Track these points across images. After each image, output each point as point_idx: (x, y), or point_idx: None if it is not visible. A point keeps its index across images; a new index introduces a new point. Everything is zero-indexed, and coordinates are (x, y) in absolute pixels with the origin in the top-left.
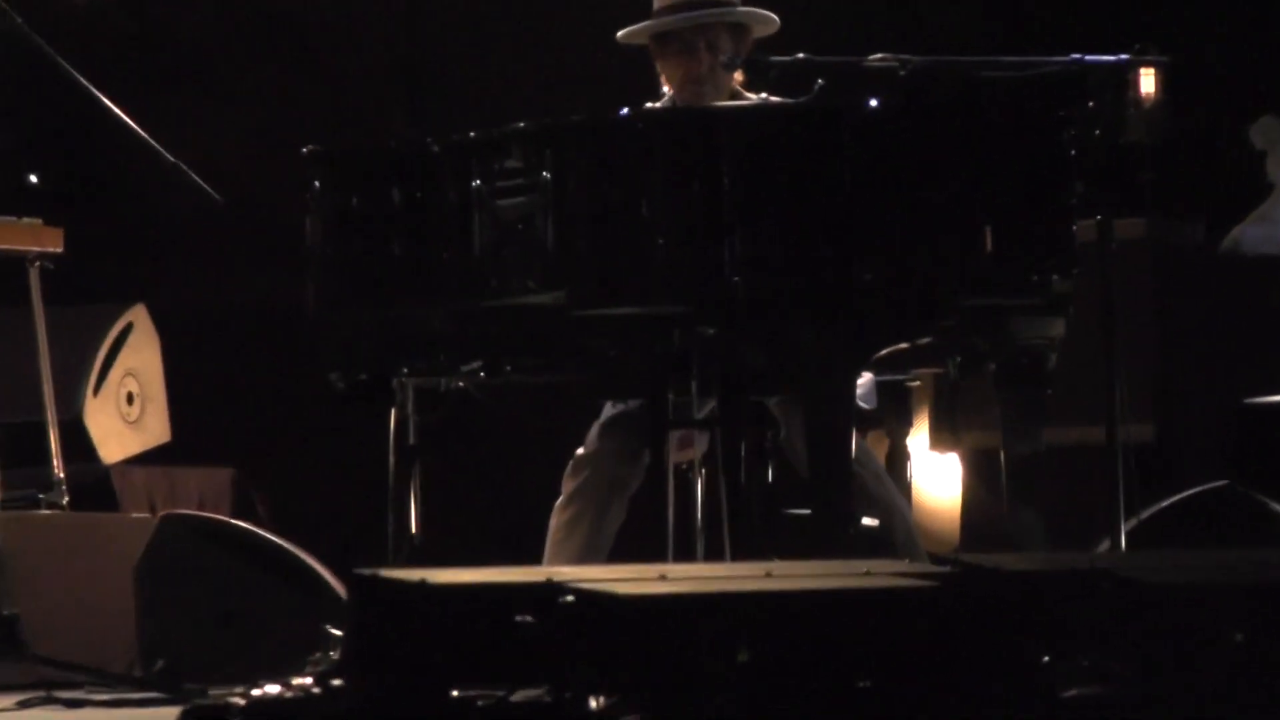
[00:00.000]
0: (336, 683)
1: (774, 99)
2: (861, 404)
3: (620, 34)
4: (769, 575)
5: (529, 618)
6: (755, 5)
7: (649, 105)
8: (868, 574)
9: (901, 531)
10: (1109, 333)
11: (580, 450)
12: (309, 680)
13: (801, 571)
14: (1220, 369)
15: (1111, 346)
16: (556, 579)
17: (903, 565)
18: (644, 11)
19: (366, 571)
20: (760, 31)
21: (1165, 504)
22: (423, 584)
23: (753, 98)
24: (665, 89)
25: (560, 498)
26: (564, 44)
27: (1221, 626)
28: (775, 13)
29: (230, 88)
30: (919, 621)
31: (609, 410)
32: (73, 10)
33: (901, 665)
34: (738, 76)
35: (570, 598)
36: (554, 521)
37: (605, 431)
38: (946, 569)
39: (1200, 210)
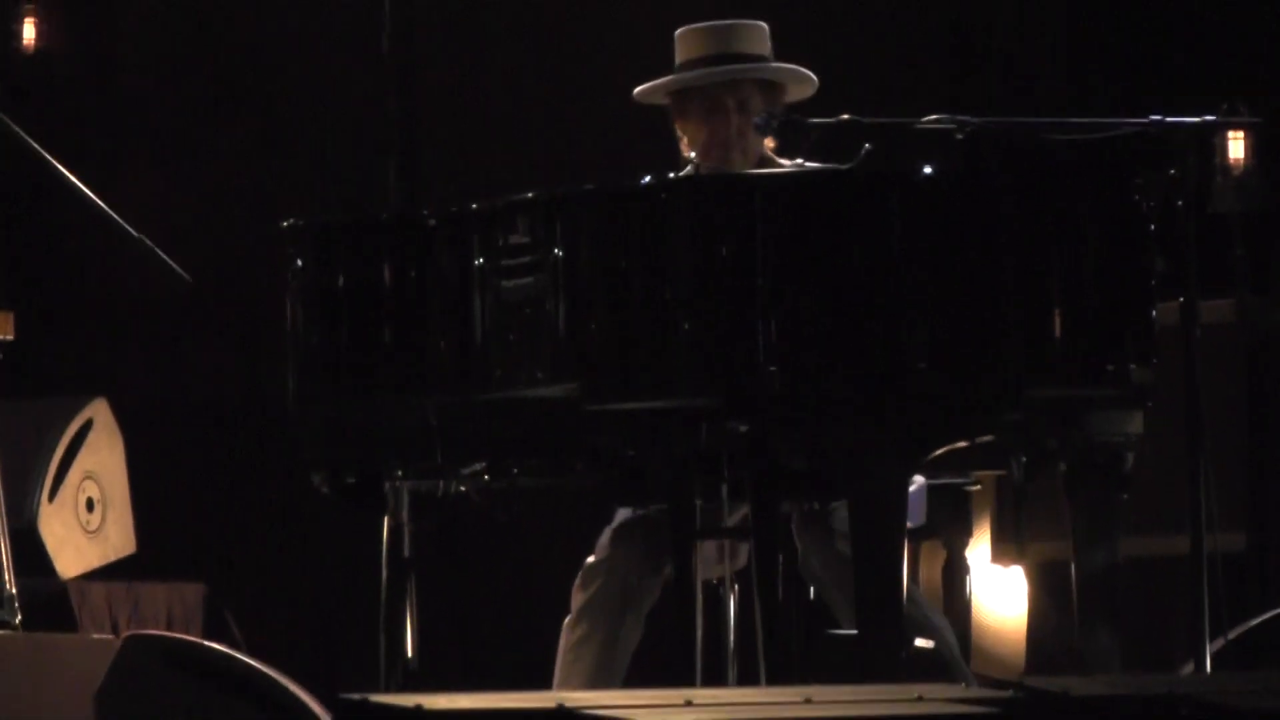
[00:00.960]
0: None
1: (812, 165)
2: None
3: (639, 90)
4: (809, 701)
5: None
6: (791, 62)
7: (671, 175)
8: (920, 699)
9: (945, 654)
10: (1194, 429)
11: (590, 559)
12: None
13: (846, 697)
14: None
15: (1197, 444)
16: (569, 704)
17: (959, 689)
18: (660, 69)
19: (355, 696)
20: (796, 94)
21: (1256, 621)
22: (418, 710)
23: (786, 164)
24: (688, 154)
25: (570, 614)
26: (575, 105)
27: None
28: (815, 68)
29: (202, 155)
30: None
31: (623, 514)
32: (19, 56)
33: None
34: (769, 142)
35: None
36: (563, 641)
37: (618, 538)
38: (1009, 694)
39: None
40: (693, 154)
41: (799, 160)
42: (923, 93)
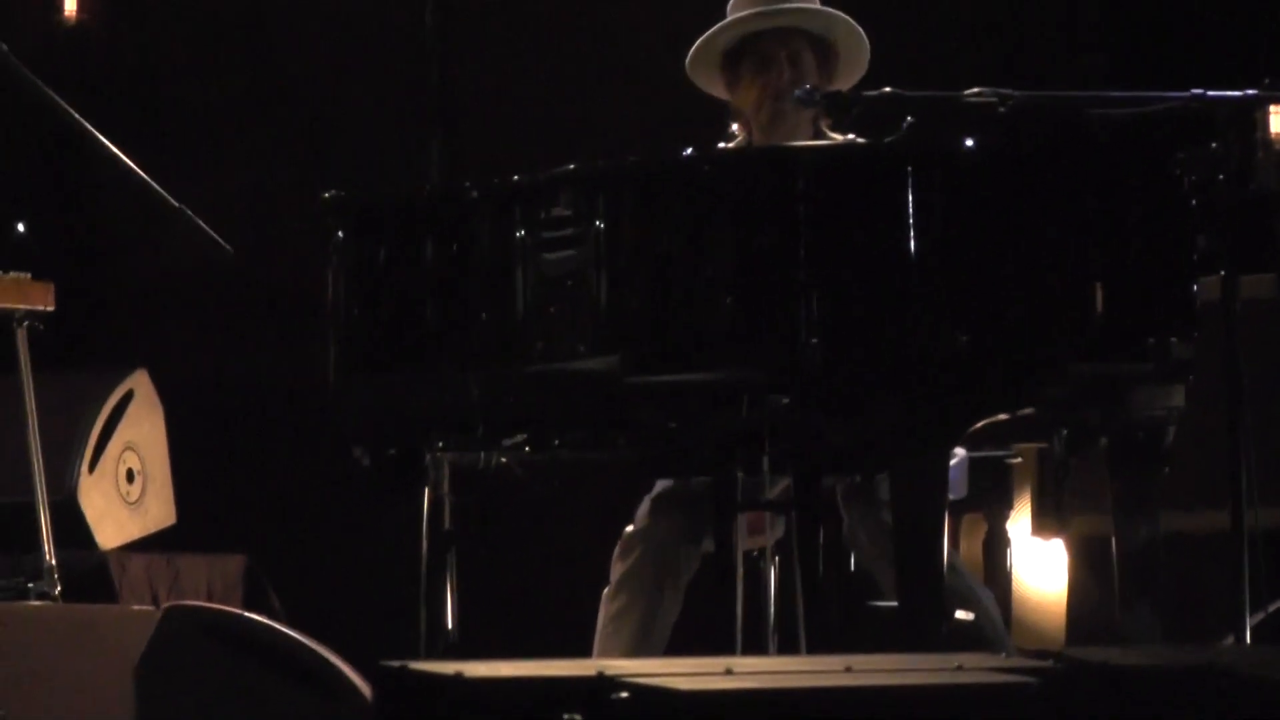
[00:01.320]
0: None
1: (860, 140)
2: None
3: (692, 53)
4: (849, 670)
5: (577, 716)
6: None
7: (719, 146)
8: (959, 669)
9: (987, 627)
10: (1235, 404)
11: (629, 529)
12: None
13: (886, 666)
14: None
15: (1238, 419)
16: (609, 672)
17: (999, 659)
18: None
19: (394, 664)
20: (848, 67)
21: None
22: (458, 678)
23: (838, 138)
24: (735, 128)
25: (609, 585)
26: (616, 81)
27: None
28: (865, 39)
29: (244, 128)
30: None
31: (662, 484)
32: (61, 26)
33: None
34: (826, 120)
35: (624, 694)
36: (603, 612)
37: (657, 508)
38: (1049, 663)
39: None
40: (735, 127)
41: (851, 136)
42: (968, 65)
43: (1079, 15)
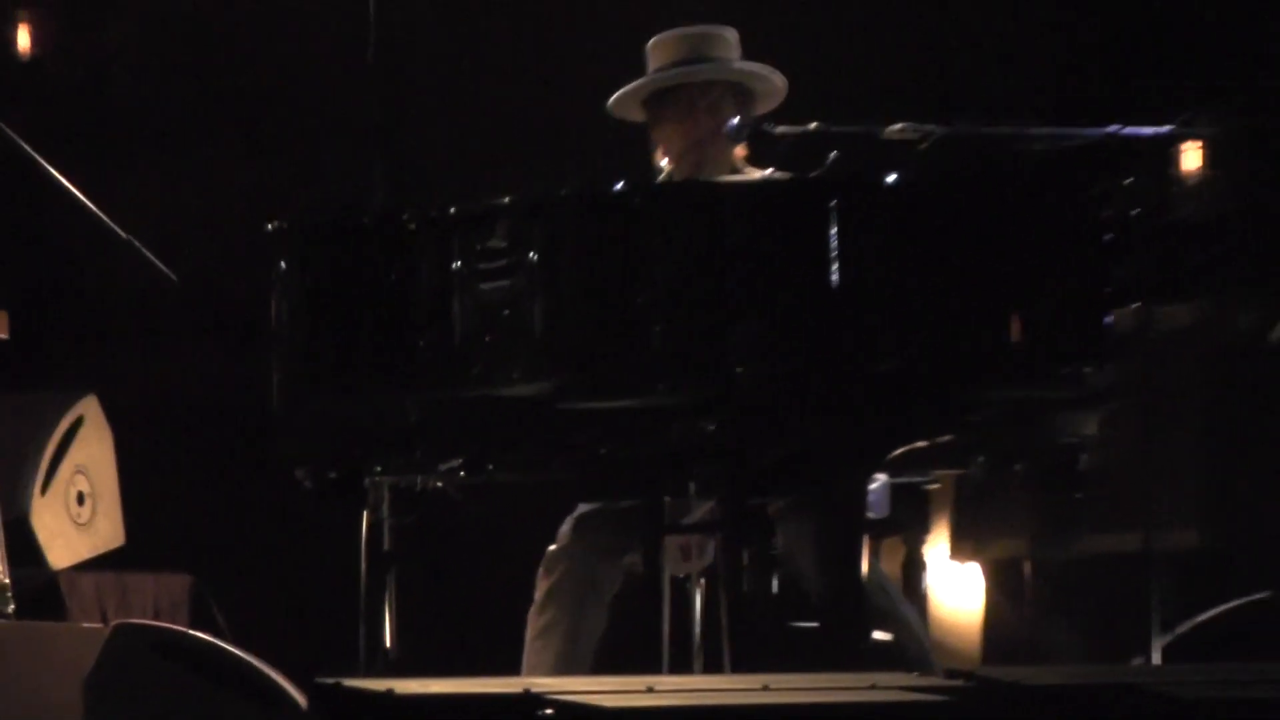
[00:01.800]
0: None
1: (781, 175)
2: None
3: (614, 98)
4: (766, 689)
5: None
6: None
7: (666, 168)
8: (873, 688)
9: (912, 646)
10: (1148, 431)
11: (552, 547)
12: None
13: (802, 684)
14: (1274, 473)
15: (1150, 446)
16: (535, 690)
17: (913, 678)
18: (639, 76)
19: (329, 681)
20: (766, 103)
21: (1204, 617)
22: (389, 694)
23: (758, 174)
24: (661, 163)
25: (534, 600)
26: (554, 112)
27: None
28: (786, 72)
29: (187, 156)
30: None
31: (584, 505)
32: (13, 61)
33: None
34: (740, 151)
35: (549, 710)
36: (529, 628)
37: (580, 526)
38: (960, 683)
39: (1256, 295)
40: (663, 163)
41: (770, 169)
42: (891, 101)
43: (1002, 53)
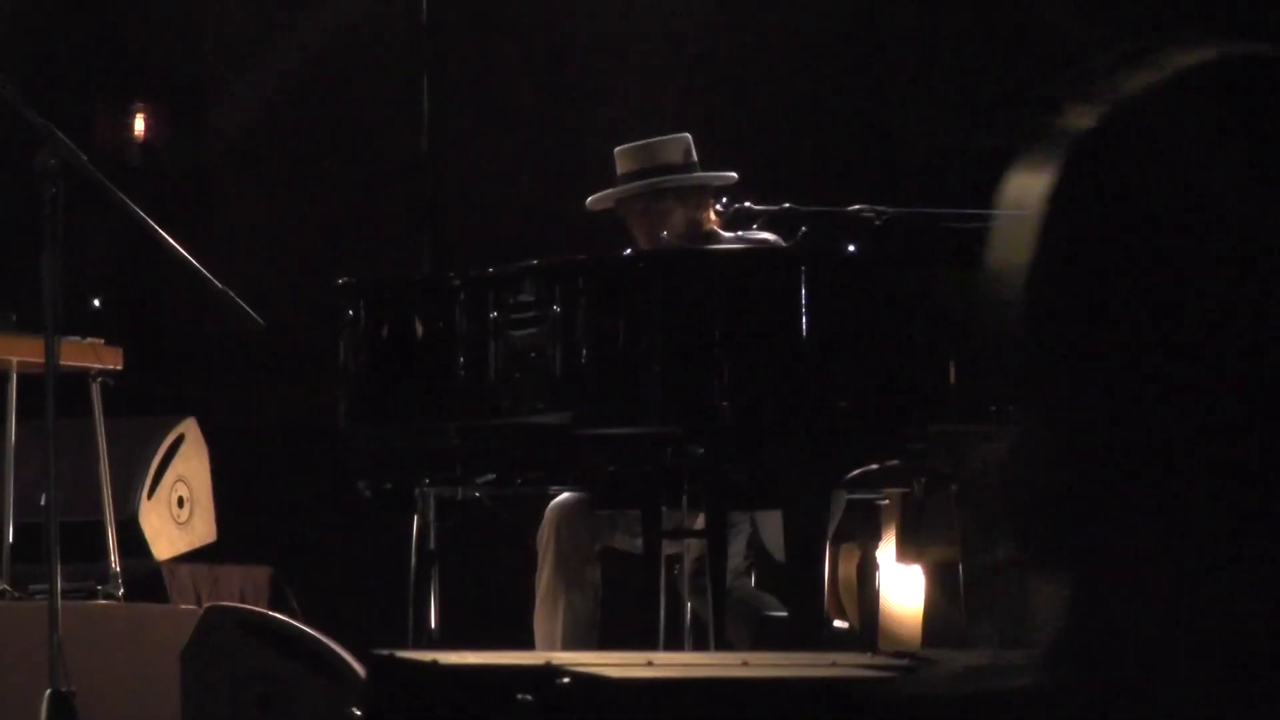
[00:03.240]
0: None
1: (757, 235)
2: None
3: (589, 202)
4: (745, 664)
5: (529, 697)
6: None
7: (666, 238)
8: (834, 664)
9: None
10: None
11: (540, 533)
12: None
13: (774, 662)
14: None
15: None
16: (555, 662)
17: (866, 658)
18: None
19: (383, 652)
20: (718, 189)
21: None
22: (434, 664)
23: (728, 235)
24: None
25: (538, 578)
26: (576, 189)
27: None
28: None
29: (273, 224)
30: (878, 708)
31: (563, 496)
32: (132, 144)
33: None
34: (713, 218)
35: (566, 679)
36: (537, 608)
37: (558, 521)
38: (905, 662)
39: None
40: (664, 233)
41: (739, 232)
42: (851, 184)
43: (943, 142)
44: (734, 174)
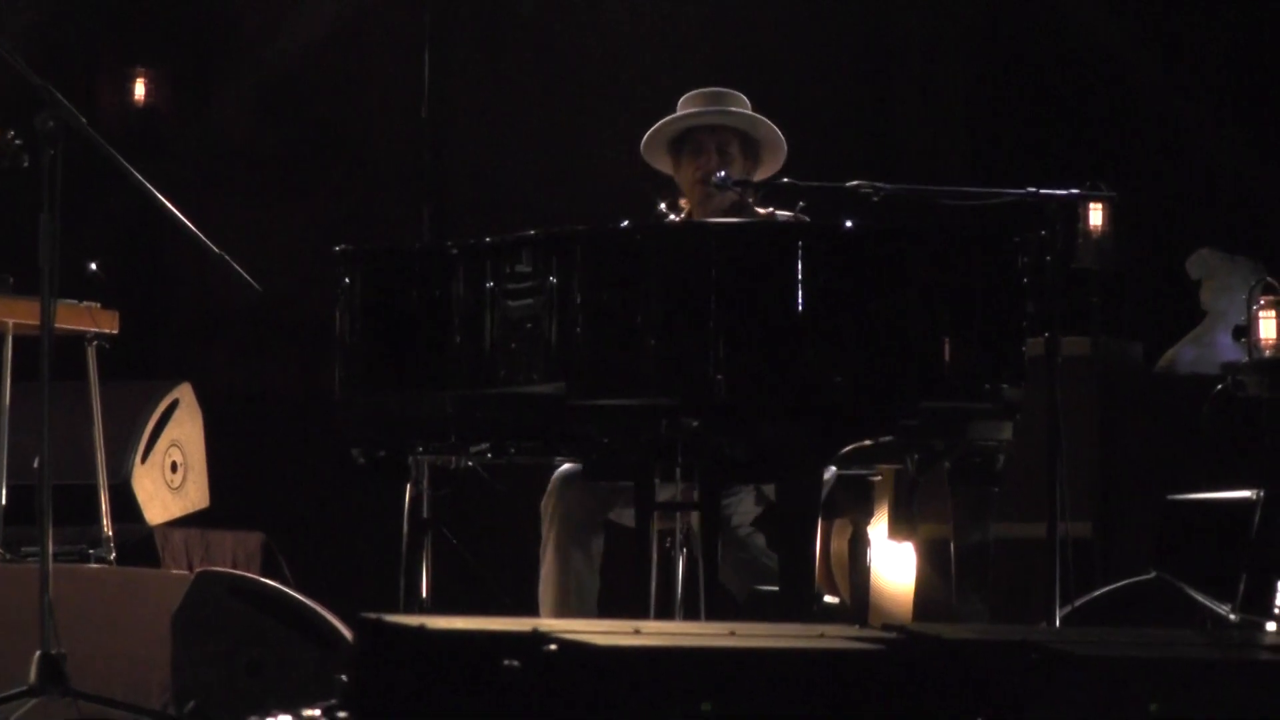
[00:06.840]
0: (342, 715)
1: (782, 213)
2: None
3: (646, 136)
4: (732, 634)
5: (516, 663)
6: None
7: (663, 211)
8: (822, 636)
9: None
10: (1054, 438)
11: (545, 500)
12: (318, 712)
13: (762, 632)
14: (1154, 475)
15: (1055, 451)
16: (541, 629)
17: (855, 630)
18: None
19: (371, 616)
20: (768, 164)
21: (1098, 593)
22: (421, 629)
23: (762, 212)
24: (662, 207)
25: (542, 546)
26: (579, 162)
27: (1140, 697)
28: (783, 140)
29: (272, 190)
30: (867, 680)
31: (567, 466)
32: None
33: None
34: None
35: (553, 646)
36: (542, 576)
37: (562, 490)
38: (894, 635)
39: (1141, 332)
40: (662, 206)
41: (770, 209)
42: (851, 161)
43: (941, 123)
44: (784, 147)
